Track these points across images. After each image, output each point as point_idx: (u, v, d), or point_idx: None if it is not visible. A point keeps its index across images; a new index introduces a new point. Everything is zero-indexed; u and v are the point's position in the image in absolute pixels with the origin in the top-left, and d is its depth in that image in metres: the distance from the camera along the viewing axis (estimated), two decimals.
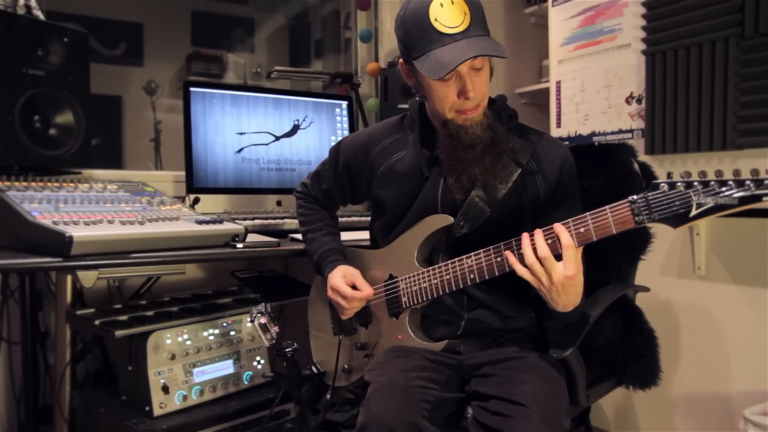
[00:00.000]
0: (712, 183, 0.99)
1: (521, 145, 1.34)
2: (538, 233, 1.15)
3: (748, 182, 0.96)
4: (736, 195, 0.97)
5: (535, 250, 1.14)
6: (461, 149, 1.28)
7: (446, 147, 1.31)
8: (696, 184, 1.00)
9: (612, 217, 1.10)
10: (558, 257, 1.13)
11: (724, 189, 0.98)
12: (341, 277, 1.42)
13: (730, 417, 1.88)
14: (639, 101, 2.08)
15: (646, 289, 1.61)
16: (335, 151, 1.54)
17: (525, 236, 1.16)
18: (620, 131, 2.15)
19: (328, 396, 1.47)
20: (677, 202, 1.02)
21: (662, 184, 1.04)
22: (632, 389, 1.52)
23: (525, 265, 1.15)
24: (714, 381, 1.95)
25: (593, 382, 1.45)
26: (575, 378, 1.30)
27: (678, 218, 1.03)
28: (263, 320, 1.45)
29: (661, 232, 1.59)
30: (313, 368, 1.53)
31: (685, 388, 2.02)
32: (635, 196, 1.07)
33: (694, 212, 1.01)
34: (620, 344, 1.52)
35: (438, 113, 1.31)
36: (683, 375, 2.02)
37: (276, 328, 1.46)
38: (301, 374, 1.50)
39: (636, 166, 1.56)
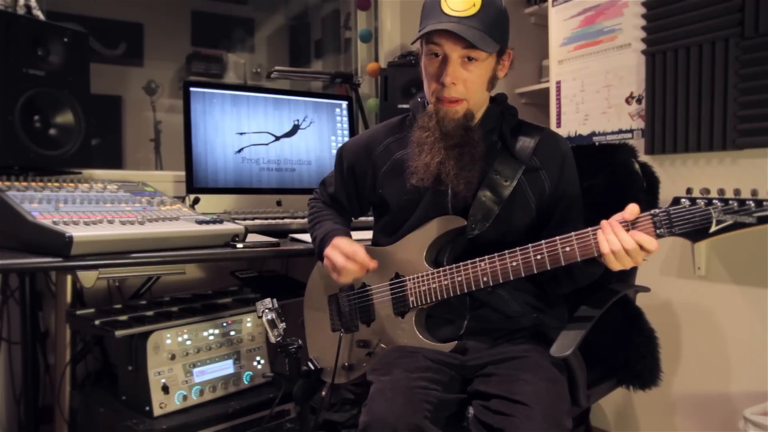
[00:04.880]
0: (732, 201, 1.04)
1: (524, 142, 1.35)
2: (617, 227, 1.13)
3: (766, 203, 1.01)
4: (756, 214, 1.02)
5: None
6: (428, 135, 1.31)
7: (417, 129, 1.34)
8: (716, 201, 1.05)
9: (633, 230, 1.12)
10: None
11: (743, 208, 1.03)
12: (345, 239, 1.39)
13: (730, 417, 1.88)
14: (639, 101, 2.08)
15: (646, 289, 1.61)
16: (339, 155, 1.54)
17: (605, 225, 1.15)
18: (620, 131, 2.15)
19: (324, 393, 1.47)
20: (697, 218, 1.07)
21: (683, 200, 1.08)
22: (632, 389, 1.52)
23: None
24: (714, 381, 1.95)
25: (594, 382, 1.45)
26: (576, 378, 1.30)
27: (698, 233, 1.07)
28: (271, 316, 1.45)
29: None
30: (310, 364, 1.52)
31: (685, 388, 2.02)
32: (657, 210, 1.11)
33: (713, 228, 1.05)
34: (620, 344, 1.52)
35: (426, 94, 1.34)
36: (683, 375, 2.02)
37: (283, 324, 1.46)
38: (299, 372, 1.50)
39: (636, 166, 1.56)
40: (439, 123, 1.30)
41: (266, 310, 1.45)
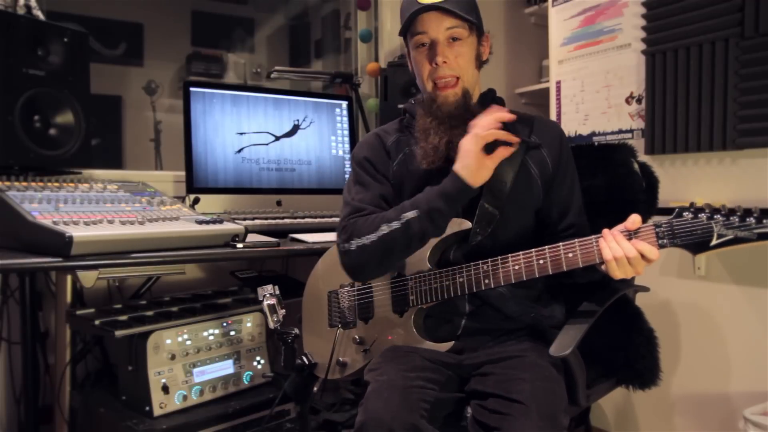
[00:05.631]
0: (733, 217, 1.06)
1: (520, 125, 1.38)
2: (618, 236, 1.15)
3: (767, 220, 1.03)
4: (756, 230, 1.04)
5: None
6: (431, 120, 1.32)
7: (420, 118, 1.35)
8: (718, 216, 1.07)
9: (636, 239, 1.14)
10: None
11: (744, 223, 1.05)
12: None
13: (730, 417, 1.88)
14: (639, 101, 2.08)
15: (646, 289, 1.61)
16: (353, 159, 1.48)
17: (607, 235, 1.16)
18: (620, 131, 2.15)
19: (316, 389, 1.47)
20: (699, 231, 1.09)
21: (686, 213, 1.10)
22: (632, 389, 1.52)
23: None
24: (714, 381, 1.95)
25: (593, 382, 1.45)
26: (575, 378, 1.30)
27: (699, 246, 1.09)
28: (271, 302, 1.46)
29: None
30: (304, 358, 1.52)
31: (685, 388, 2.02)
32: (660, 221, 1.12)
33: (714, 242, 1.08)
34: (620, 344, 1.52)
35: (422, 87, 1.37)
36: (683, 375, 2.02)
37: (283, 311, 1.46)
38: (294, 363, 1.50)
39: (636, 166, 1.56)
40: (440, 107, 1.33)
41: (267, 295, 1.46)
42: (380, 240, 1.27)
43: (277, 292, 1.47)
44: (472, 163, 1.21)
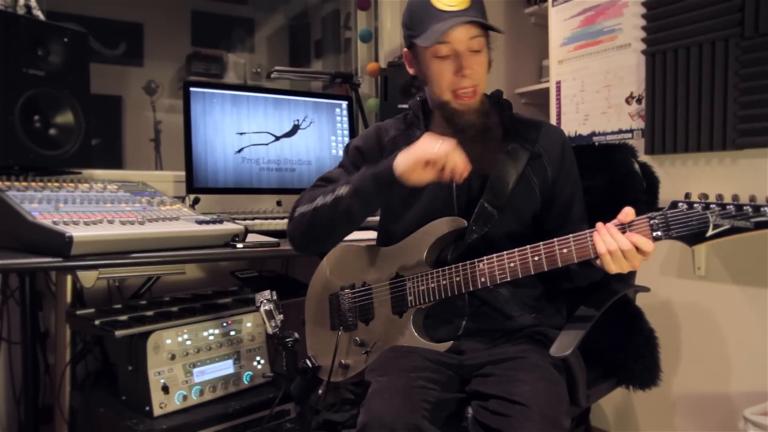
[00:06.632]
0: (729, 206, 1.04)
1: (524, 132, 1.38)
2: (612, 229, 1.14)
3: (764, 208, 1.01)
4: (752, 219, 1.01)
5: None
6: (453, 133, 1.29)
7: (439, 129, 1.33)
8: (714, 206, 1.05)
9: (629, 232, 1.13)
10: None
11: (741, 213, 1.02)
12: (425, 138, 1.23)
13: (730, 417, 1.88)
14: (639, 101, 2.08)
15: (646, 289, 1.61)
16: (345, 148, 1.52)
17: (601, 228, 1.15)
18: (620, 131, 2.15)
19: (320, 391, 1.47)
20: (695, 222, 1.06)
21: (681, 204, 1.08)
22: (632, 389, 1.52)
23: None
24: (714, 381, 1.95)
25: (593, 382, 1.45)
26: (575, 378, 1.30)
27: (694, 237, 1.07)
28: (269, 307, 1.46)
29: None
30: (308, 361, 1.52)
31: (685, 388, 2.02)
32: (654, 213, 1.11)
33: (710, 232, 1.05)
34: (620, 344, 1.52)
35: (436, 96, 1.34)
36: (683, 375, 2.02)
37: (280, 316, 1.46)
38: (297, 366, 1.50)
39: (636, 166, 1.56)
40: (462, 116, 1.31)
41: (264, 301, 1.46)
42: (312, 211, 1.33)
43: (275, 297, 1.47)
44: (412, 163, 1.20)
